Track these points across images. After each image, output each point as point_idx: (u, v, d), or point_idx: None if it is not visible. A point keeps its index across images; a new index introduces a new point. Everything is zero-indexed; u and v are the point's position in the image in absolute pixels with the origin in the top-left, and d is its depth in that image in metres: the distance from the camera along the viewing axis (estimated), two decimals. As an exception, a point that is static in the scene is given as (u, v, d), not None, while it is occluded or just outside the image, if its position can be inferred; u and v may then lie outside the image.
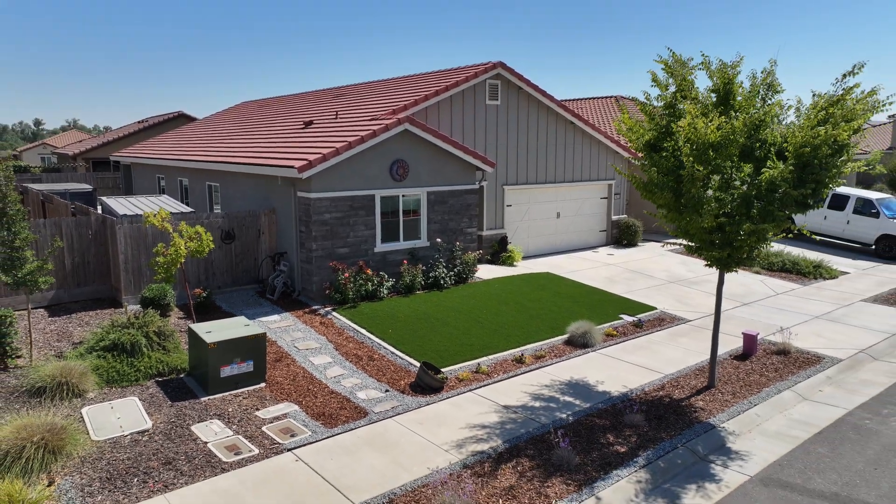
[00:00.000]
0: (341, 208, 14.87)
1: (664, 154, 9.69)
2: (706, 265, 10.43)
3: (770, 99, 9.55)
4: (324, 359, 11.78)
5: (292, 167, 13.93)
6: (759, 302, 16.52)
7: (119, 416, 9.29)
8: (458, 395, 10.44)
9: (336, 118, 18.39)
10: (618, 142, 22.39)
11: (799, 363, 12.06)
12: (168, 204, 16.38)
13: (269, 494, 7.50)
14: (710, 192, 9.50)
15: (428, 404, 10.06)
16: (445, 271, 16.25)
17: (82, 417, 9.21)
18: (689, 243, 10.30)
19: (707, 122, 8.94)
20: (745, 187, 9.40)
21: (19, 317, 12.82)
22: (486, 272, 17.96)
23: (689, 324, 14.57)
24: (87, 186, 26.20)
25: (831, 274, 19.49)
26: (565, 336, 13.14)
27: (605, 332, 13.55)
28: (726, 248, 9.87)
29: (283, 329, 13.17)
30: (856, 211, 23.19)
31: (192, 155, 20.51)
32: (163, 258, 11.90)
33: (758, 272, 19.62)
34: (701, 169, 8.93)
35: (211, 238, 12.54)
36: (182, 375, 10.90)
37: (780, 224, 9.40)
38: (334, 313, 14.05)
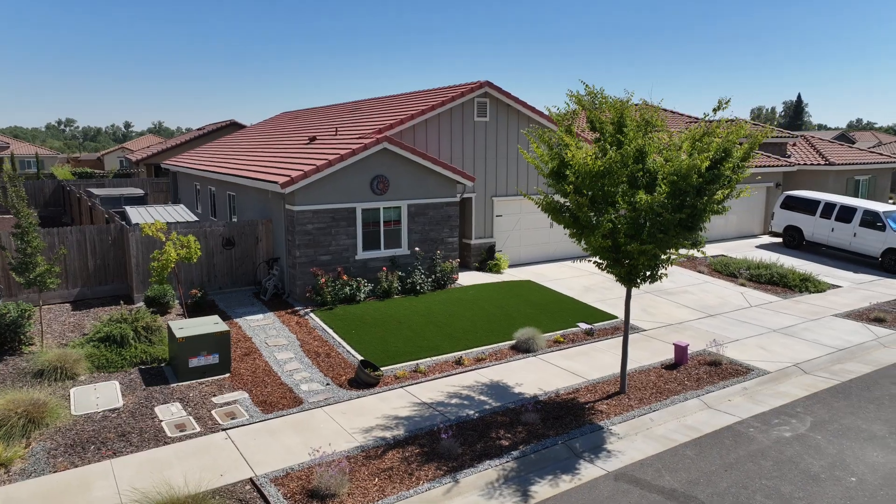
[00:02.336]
0: (323, 220, 16.50)
1: (566, 181, 10.74)
2: (616, 280, 11.37)
3: (649, 132, 10.44)
4: (287, 355, 13.42)
5: (276, 182, 15.68)
6: (727, 314, 17.03)
7: (98, 396, 11.21)
8: (388, 390, 11.82)
9: (336, 134, 20.08)
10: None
11: (725, 374, 12.74)
12: (179, 213, 18.51)
13: (191, 463, 9.13)
14: (606, 215, 10.48)
15: (358, 397, 11.50)
16: (424, 278, 17.63)
17: (69, 395, 11.18)
18: (598, 260, 11.28)
19: (589, 153, 9.96)
20: (633, 212, 10.33)
21: (44, 310, 15.11)
22: (468, 279, 19.21)
23: (643, 333, 15.36)
24: (140, 192, 29.11)
25: (818, 287, 19.60)
26: (512, 341, 14.27)
27: (554, 339, 14.58)
28: (626, 266, 10.82)
29: (262, 327, 14.92)
30: (862, 223, 22.96)
31: (211, 166, 22.73)
32: (157, 263, 13.85)
33: (743, 284, 19.96)
34: (580, 199, 9.98)
35: (199, 246, 14.41)
36: (163, 365, 12.78)
37: (667, 245, 10.26)
38: (311, 314, 15.70)
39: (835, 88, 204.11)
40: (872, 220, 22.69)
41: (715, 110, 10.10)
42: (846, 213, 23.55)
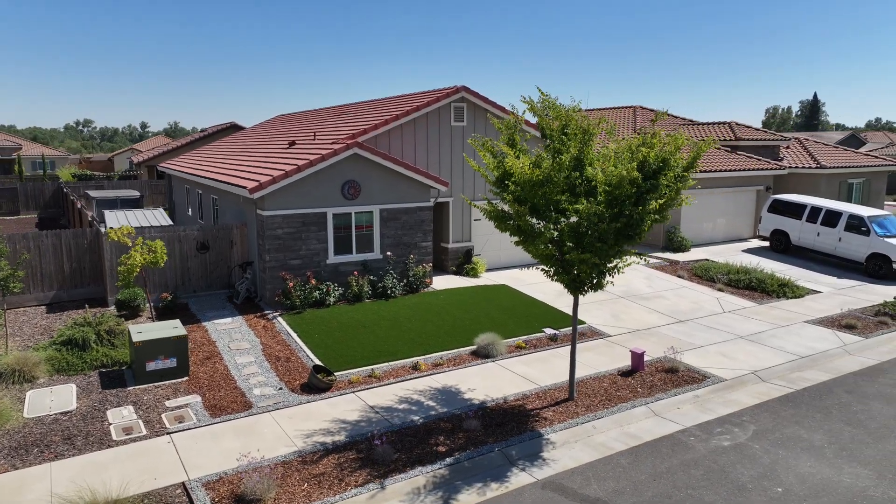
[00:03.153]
0: (293, 224, 16.68)
1: (507, 189, 10.81)
2: (564, 287, 11.41)
3: (587, 141, 10.47)
4: (247, 359, 13.60)
5: (245, 188, 15.88)
6: (698, 320, 16.98)
7: (53, 399, 11.45)
8: (339, 395, 11.96)
9: (314, 139, 20.27)
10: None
11: (680, 381, 12.73)
12: (156, 218, 18.80)
13: (129, 467, 9.32)
14: (548, 224, 10.54)
15: (308, 402, 11.64)
16: (396, 282, 17.76)
17: (24, 398, 11.43)
18: (545, 268, 11.33)
19: (527, 163, 10.02)
20: (573, 220, 10.38)
21: (18, 313, 15.42)
22: (444, 283, 19.30)
23: (608, 339, 15.37)
24: (135, 194, 29.55)
25: (796, 293, 19.47)
26: (473, 347, 14.34)
27: (516, 344, 14.64)
28: (571, 274, 10.87)
29: (228, 331, 15.12)
30: (847, 228, 22.75)
31: (196, 170, 23.02)
32: (123, 267, 14.10)
33: (721, 289, 19.87)
34: (519, 207, 10.05)
35: (165, 251, 14.64)
36: (124, 368, 13.01)
37: (606, 254, 10.28)
38: (279, 318, 15.88)
39: (854, 87, 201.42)
40: (857, 225, 22.48)
41: (653, 121, 10.13)
42: (832, 218, 23.34)
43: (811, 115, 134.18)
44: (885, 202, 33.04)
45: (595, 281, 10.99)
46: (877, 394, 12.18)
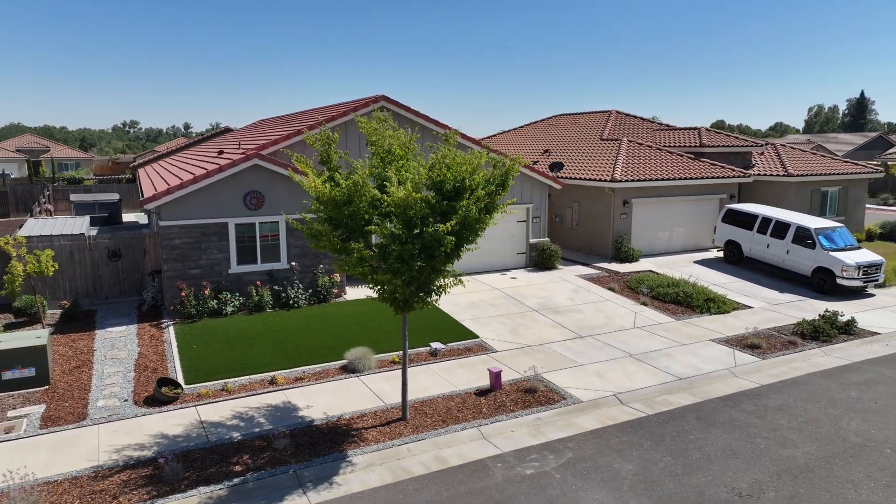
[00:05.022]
0: (193, 234, 16.87)
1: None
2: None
3: (390, 162, 10.29)
4: (116, 369, 13.81)
5: (144, 198, 16.15)
6: (599, 336, 16.52)
7: None
8: (179, 409, 12.04)
9: (238, 148, 20.48)
10: (533, 167, 22.68)
11: (533, 402, 12.40)
12: (75, 226, 19.26)
13: (-76, 478, 9.57)
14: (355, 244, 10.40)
15: (144, 415, 11.75)
16: (301, 292, 17.80)
17: None
18: (370, 287, 11.18)
19: (318, 182, 9.93)
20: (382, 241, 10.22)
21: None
22: (357, 293, 19.20)
23: (492, 355, 15.09)
24: (115, 197, 30.35)
25: (721, 309, 18.77)
26: (343, 361, 14.26)
27: (390, 359, 14.50)
28: (392, 294, 10.69)
29: (115, 339, 15.38)
30: (795, 240, 21.82)
31: (142, 175, 23.49)
32: (7, 276, 14.51)
33: (645, 304, 19.29)
34: (317, 226, 9.97)
35: (51, 262, 15.00)
36: (-8, 375, 13.36)
37: (408, 274, 10.08)
38: (172, 327, 16.09)
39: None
40: (804, 237, 21.54)
41: (447, 139, 9.93)
42: (780, 229, 22.42)
43: (858, 113, 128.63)
44: (867, 205, 31.51)
45: (417, 301, 10.79)
46: (726, 421, 11.64)
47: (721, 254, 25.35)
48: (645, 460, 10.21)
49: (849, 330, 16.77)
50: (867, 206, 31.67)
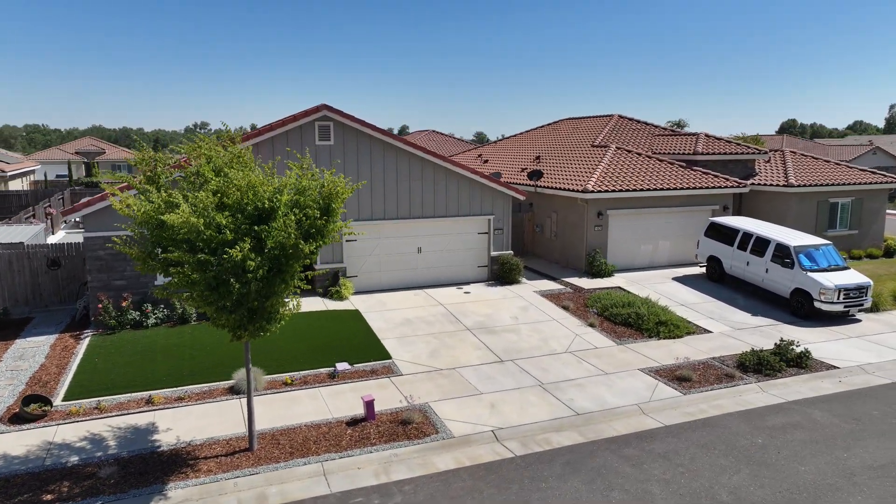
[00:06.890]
0: (116, 246, 16.84)
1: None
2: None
3: (202, 186, 9.76)
4: (8, 382, 13.85)
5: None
6: (520, 360, 15.50)
7: None
8: (41, 427, 11.88)
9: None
10: (492, 178, 21.73)
11: (400, 435, 11.63)
12: (23, 233, 19.66)
13: None
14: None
15: (2, 433, 11.66)
16: (229, 305, 17.52)
17: None
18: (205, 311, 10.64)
19: (132, 203, 9.50)
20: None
21: None
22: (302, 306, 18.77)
23: (395, 378, 14.35)
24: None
25: (673, 333, 17.36)
26: (232, 381, 13.84)
27: (283, 380, 14.00)
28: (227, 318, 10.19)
29: (28, 349, 15.49)
30: (774, 258, 20.04)
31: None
32: (-77, 286, 14.84)
33: (592, 325, 18.07)
34: (129, 249, 9.57)
35: (-33, 271, 15.24)
36: None
37: (224, 302, 9.53)
38: (87, 339, 16.10)
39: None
40: (783, 255, 19.74)
41: (231, 139, 9.37)
42: (760, 246, 20.65)
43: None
44: (887, 212, 28.78)
45: (253, 326, 10.25)
46: (595, 468, 10.52)
47: (704, 270, 23.63)
48: (472, 511, 9.32)
49: (801, 363, 15.14)
50: (888, 212, 28.86)
